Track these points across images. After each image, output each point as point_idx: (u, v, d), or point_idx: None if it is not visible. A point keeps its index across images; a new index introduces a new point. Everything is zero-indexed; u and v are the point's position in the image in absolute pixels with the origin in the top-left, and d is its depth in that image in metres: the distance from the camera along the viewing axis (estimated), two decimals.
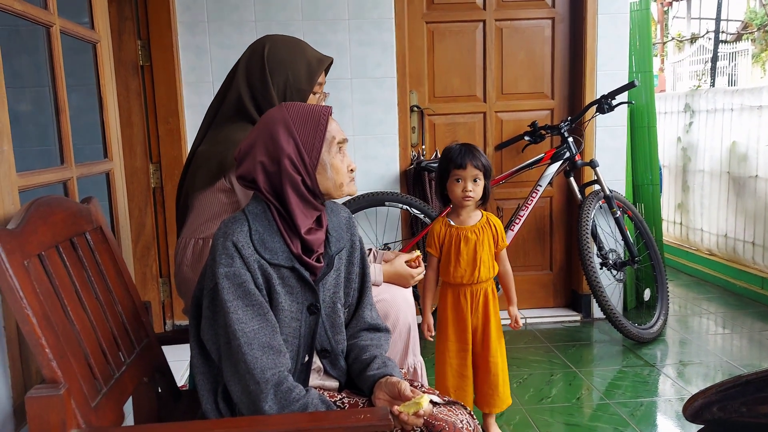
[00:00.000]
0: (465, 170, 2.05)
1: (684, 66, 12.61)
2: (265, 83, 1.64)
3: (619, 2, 3.32)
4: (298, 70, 1.66)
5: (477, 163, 2.04)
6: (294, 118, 1.27)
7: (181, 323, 3.26)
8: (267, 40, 1.70)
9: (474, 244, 2.11)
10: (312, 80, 1.68)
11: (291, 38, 1.73)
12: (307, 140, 1.26)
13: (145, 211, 3.10)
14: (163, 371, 1.56)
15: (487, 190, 2.10)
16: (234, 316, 1.21)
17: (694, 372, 2.83)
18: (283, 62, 1.65)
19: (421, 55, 3.39)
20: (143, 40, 3.02)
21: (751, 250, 3.95)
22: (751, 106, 3.92)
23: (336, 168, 1.30)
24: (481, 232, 2.12)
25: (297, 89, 1.66)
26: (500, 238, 2.14)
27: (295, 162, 1.25)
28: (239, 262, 1.22)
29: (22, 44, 2.87)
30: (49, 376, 1.07)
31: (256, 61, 1.67)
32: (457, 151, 2.07)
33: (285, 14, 3.15)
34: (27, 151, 2.81)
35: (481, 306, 2.15)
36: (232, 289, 1.22)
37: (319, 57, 1.71)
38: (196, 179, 1.63)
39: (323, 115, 1.29)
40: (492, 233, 2.13)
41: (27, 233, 1.14)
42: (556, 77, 3.48)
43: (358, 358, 1.39)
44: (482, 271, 2.11)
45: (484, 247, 2.11)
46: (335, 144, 1.30)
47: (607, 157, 3.39)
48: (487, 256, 2.12)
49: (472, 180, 2.06)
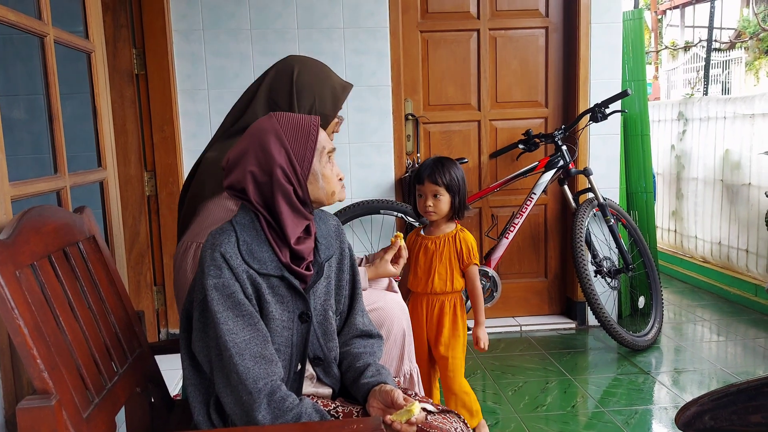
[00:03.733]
0: (423, 186, 2.07)
1: (678, 74, 12.69)
2: (291, 105, 1.66)
3: (612, 12, 3.35)
4: (324, 95, 1.68)
5: (436, 179, 2.04)
6: (285, 129, 1.27)
7: (175, 332, 3.25)
8: (295, 62, 1.71)
9: (432, 254, 2.12)
10: (336, 106, 1.71)
11: (318, 62, 1.75)
12: (299, 150, 1.27)
13: (140, 220, 3.09)
14: (156, 381, 1.56)
15: (458, 205, 2.08)
16: (224, 327, 1.21)
17: (689, 379, 2.83)
18: (311, 86, 1.67)
19: (416, 64, 3.40)
20: (138, 48, 3.02)
21: (744, 257, 3.96)
22: (744, 115, 3.94)
23: (327, 177, 1.31)
24: (443, 244, 2.11)
25: (322, 114, 1.68)
26: (465, 254, 2.11)
27: (287, 172, 1.26)
28: (228, 273, 1.22)
29: (15, 52, 2.87)
30: (41, 388, 1.07)
31: (283, 82, 1.68)
32: (424, 166, 2.09)
33: (281, 22, 3.16)
34: (20, 160, 2.81)
35: (435, 318, 2.15)
36: (221, 301, 1.22)
37: (343, 84, 1.74)
38: (205, 187, 1.62)
39: (313, 125, 1.29)
40: (456, 247, 2.11)
41: (19, 244, 1.14)
42: (550, 86, 3.50)
43: (352, 366, 1.39)
44: (436, 282, 2.11)
45: (441, 260, 2.11)
46: (325, 153, 1.31)
47: (601, 165, 3.41)
48: (444, 270, 2.11)
49: (432, 195, 2.06)
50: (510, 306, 3.61)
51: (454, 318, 2.15)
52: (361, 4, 3.19)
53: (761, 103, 3.79)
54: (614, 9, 3.35)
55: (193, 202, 1.67)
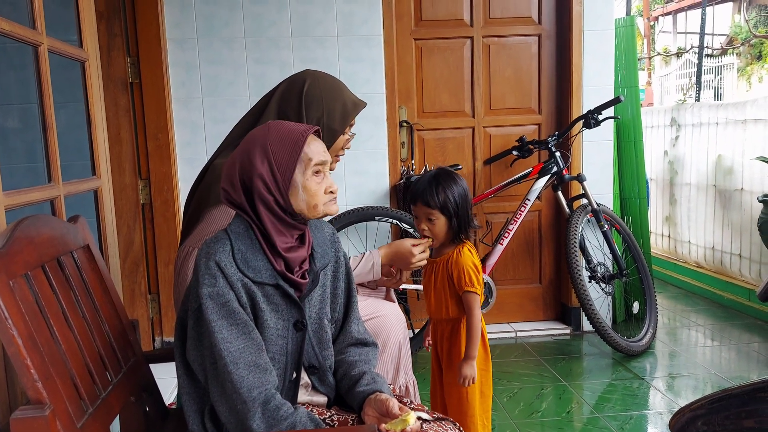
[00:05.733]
0: (416, 207, 1.83)
1: (671, 80, 12.77)
2: (300, 117, 1.66)
3: (604, 19, 3.37)
4: (333, 110, 1.68)
5: (428, 201, 1.79)
6: (272, 139, 1.27)
7: (169, 340, 3.24)
8: (308, 75, 1.72)
9: (429, 278, 1.92)
10: (345, 122, 1.71)
11: (332, 78, 1.76)
12: (282, 161, 1.26)
13: (134, 228, 3.09)
14: (150, 390, 1.55)
15: (457, 226, 1.81)
16: (219, 335, 1.21)
17: (683, 385, 2.84)
18: (320, 99, 1.67)
19: (409, 71, 3.42)
20: (132, 56, 3.02)
21: (738, 262, 3.98)
22: (736, 120, 3.97)
23: (309, 189, 1.28)
24: (438, 269, 1.87)
25: (329, 128, 1.68)
26: (456, 279, 1.81)
27: (267, 182, 1.25)
28: (222, 281, 1.22)
29: (9, 61, 2.87)
30: (35, 398, 1.07)
31: (294, 94, 1.69)
32: (418, 184, 1.83)
33: (275, 31, 3.17)
34: (14, 169, 2.81)
35: (445, 347, 1.92)
36: (216, 309, 1.21)
37: (355, 101, 1.74)
38: (210, 194, 1.62)
39: (302, 136, 1.28)
40: (448, 272, 1.84)
41: (12, 253, 1.14)
42: (544, 93, 3.51)
43: (347, 374, 1.39)
44: (434, 307, 1.90)
45: (435, 285, 1.88)
46: (312, 165, 1.28)
47: (595, 171, 3.42)
48: (437, 296, 1.88)
49: (426, 218, 1.81)
50: (505, 312, 3.62)
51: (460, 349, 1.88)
52: (355, 12, 3.21)
53: (753, 109, 3.82)
54: (606, 16, 3.37)
55: (198, 208, 1.67)
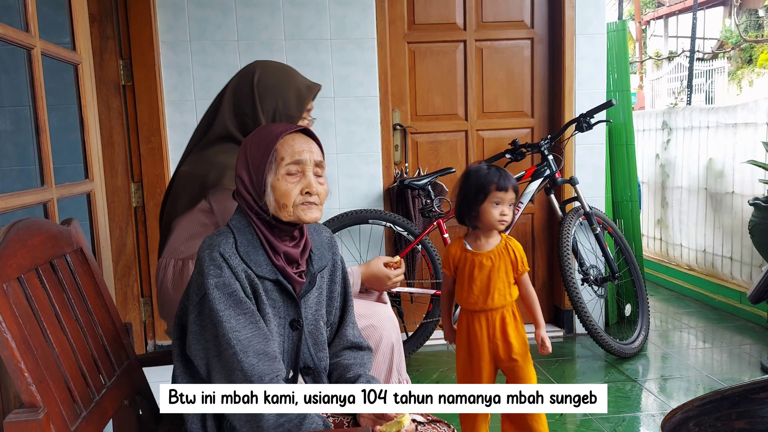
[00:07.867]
0: (506, 193, 1.93)
1: (662, 83, 12.85)
2: (255, 109, 1.65)
3: (596, 23, 3.39)
4: (288, 97, 1.67)
5: (517, 187, 1.97)
6: (252, 139, 1.31)
7: (162, 343, 3.23)
8: (257, 66, 1.71)
9: (488, 270, 1.97)
10: (301, 107, 1.70)
11: (281, 65, 1.74)
12: (255, 161, 1.28)
13: (126, 231, 3.08)
14: (144, 393, 1.55)
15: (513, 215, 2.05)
16: (227, 325, 1.21)
17: (676, 386, 2.86)
18: (273, 89, 1.66)
19: (403, 75, 3.43)
20: (125, 59, 3.02)
21: (729, 265, 4.01)
22: (727, 124, 4.00)
23: (278, 189, 1.26)
24: (498, 258, 1.97)
25: (287, 116, 1.68)
26: (519, 262, 1.99)
27: (245, 182, 1.29)
28: (228, 271, 1.23)
29: (1, 64, 2.86)
30: (28, 401, 1.06)
31: (245, 87, 1.67)
32: (496, 174, 1.93)
33: (267, 34, 3.18)
34: (7, 172, 2.79)
35: (499, 332, 1.99)
36: (223, 299, 1.22)
37: (309, 84, 1.73)
38: (178, 204, 1.62)
39: (278, 135, 1.29)
40: (510, 258, 1.98)
41: (6, 257, 1.14)
42: (536, 96, 3.53)
43: (342, 376, 1.40)
44: (496, 298, 1.97)
45: (499, 274, 1.97)
46: (284, 165, 1.27)
47: (587, 175, 3.44)
48: (502, 284, 1.97)
49: (509, 204, 1.94)
50: None
51: (516, 327, 2.01)
52: (348, 15, 3.22)
53: (743, 113, 3.85)
54: (598, 21, 3.39)
55: (168, 219, 1.67)
